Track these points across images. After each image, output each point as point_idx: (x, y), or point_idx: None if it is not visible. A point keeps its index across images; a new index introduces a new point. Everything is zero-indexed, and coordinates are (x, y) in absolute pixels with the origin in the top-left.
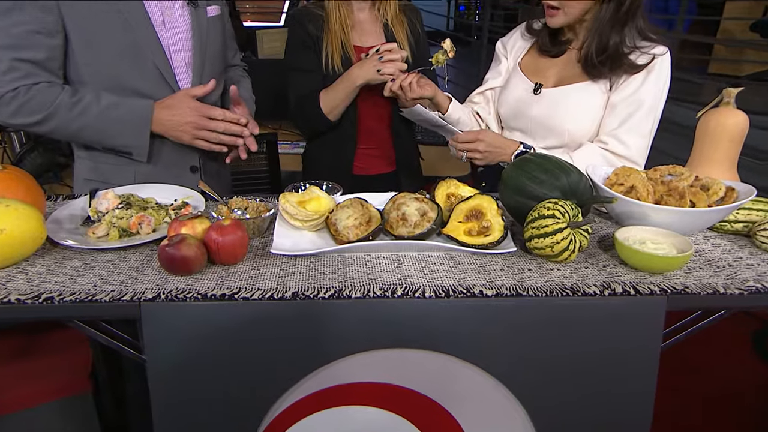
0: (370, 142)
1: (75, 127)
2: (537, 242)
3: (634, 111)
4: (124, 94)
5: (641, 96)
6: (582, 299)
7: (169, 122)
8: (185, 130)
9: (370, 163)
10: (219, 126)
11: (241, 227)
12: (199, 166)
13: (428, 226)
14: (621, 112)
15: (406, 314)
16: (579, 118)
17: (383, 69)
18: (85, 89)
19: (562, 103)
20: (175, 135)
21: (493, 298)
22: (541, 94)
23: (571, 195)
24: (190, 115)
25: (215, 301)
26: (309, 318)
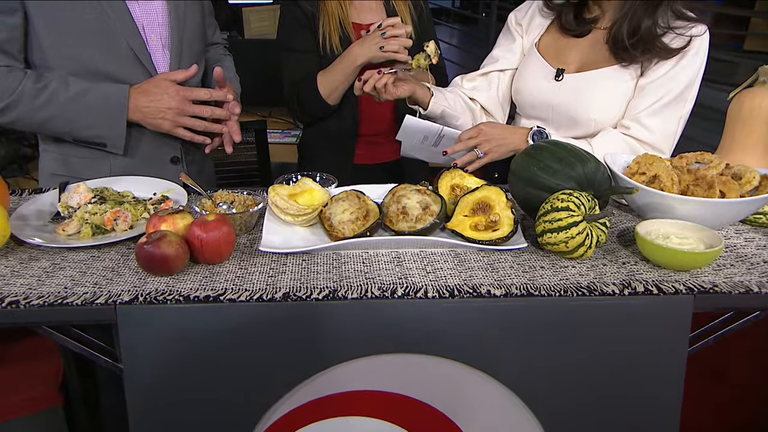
0: (373, 128)
1: (41, 117)
2: (550, 237)
3: (663, 94)
4: (96, 80)
5: (673, 78)
6: (599, 299)
7: (148, 109)
8: (166, 117)
9: (373, 151)
10: (204, 111)
11: (227, 223)
12: (181, 157)
13: (431, 221)
14: (649, 95)
15: (407, 316)
16: (606, 106)
17: (386, 46)
18: (52, 74)
19: (587, 91)
20: (154, 123)
21: (501, 298)
22: (563, 80)
23: (587, 185)
24: (170, 99)
25: (199, 304)
26: (302, 321)
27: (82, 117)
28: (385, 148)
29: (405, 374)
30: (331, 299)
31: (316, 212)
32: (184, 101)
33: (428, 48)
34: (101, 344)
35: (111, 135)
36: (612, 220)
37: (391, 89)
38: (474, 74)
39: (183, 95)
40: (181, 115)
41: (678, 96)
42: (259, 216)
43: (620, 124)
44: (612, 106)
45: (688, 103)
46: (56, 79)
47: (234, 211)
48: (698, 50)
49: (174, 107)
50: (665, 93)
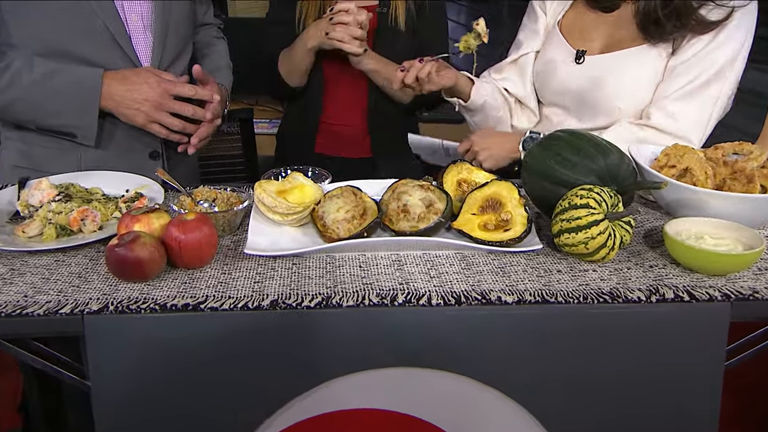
0: (339, 116)
1: (1, 101)
2: (568, 238)
3: (696, 76)
4: (66, 62)
5: (708, 57)
6: (624, 307)
7: (122, 97)
8: (141, 108)
9: (338, 143)
10: (186, 110)
11: (208, 223)
12: (162, 152)
13: (435, 220)
14: (679, 77)
15: (408, 326)
16: (633, 91)
17: (331, 33)
18: (15, 53)
19: (611, 74)
20: (127, 114)
21: (514, 305)
22: (585, 63)
23: (610, 180)
24: (150, 90)
25: (177, 313)
26: (292, 332)
27: (48, 102)
28: (351, 141)
29: (407, 390)
30: (324, 307)
31: (308, 211)
32: (164, 95)
33: (478, 26)
34: (66, 359)
35: (81, 124)
36: (637, 219)
37: (434, 78)
38: (501, 64)
39: (164, 88)
40: (159, 110)
41: (713, 77)
42: (244, 215)
43: (643, 114)
44: (639, 91)
45: (727, 83)
46: (19, 59)
47: (216, 210)
48: (740, 23)
49: (152, 100)
50: (698, 74)
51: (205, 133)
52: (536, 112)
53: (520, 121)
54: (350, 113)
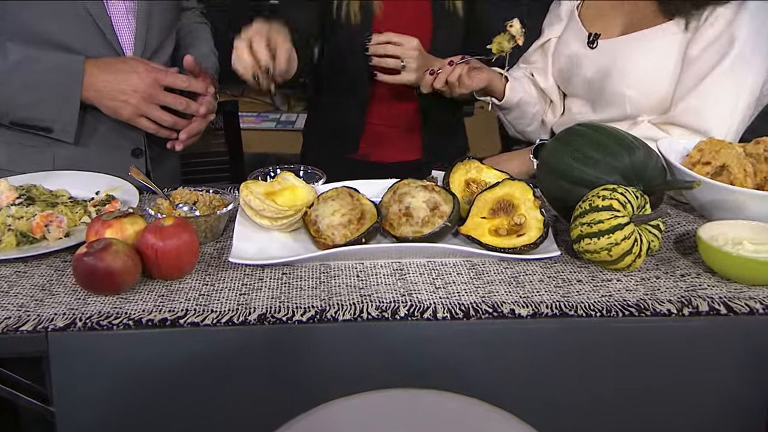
0: (386, 113)
1: None
2: (589, 244)
3: (716, 61)
4: (43, 49)
5: (731, 35)
6: (652, 321)
7: (107, 88)
8: (129, 101)
9: (386, 144)
10: (178, 103)
11: (189, 229)
12: (145, 149)
13: (441, 224)
14: (697, 65)
15: (411, 342)
16: (644, 78)
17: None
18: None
19: (621, 58)
20: (111, 106)
21: (528, 319)
22: (598, 47)
23: (635, 179)
24: (139, 80)
25: (153, 329)
26: (282, 349)
27: (22, 93)
28: (402, 142)
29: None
30: (318, 321)
31: (300, 214)
32: (154, 86)
33: (512, 28)
34: (27, 382)
35: (59, 117)
36: (667, 222)
37: (465, 81)
38: (528, 52)
39: (155, 78)
40: (148, 103)
41: (737, 60)
42: (229, 220)
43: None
44: (650, 77)
45: (756, 66)
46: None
47: (197, 214)
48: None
49: (141, 91)
50: (719, 58)
51: (196, 129)
52: (560, 104)
53: (547, 115)
54: (398, 111)
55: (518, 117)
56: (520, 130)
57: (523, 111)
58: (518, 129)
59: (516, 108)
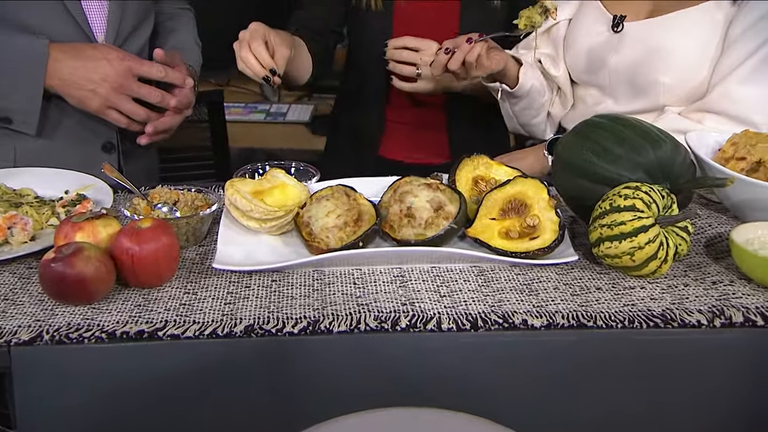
0: (409, 111)
1: None
2: (609, 248)
3: (761, 43)
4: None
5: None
6: (680, 333)
7: (74, 75)
8: (98, 90)
9: (407, 145)
10: (153, 96)
11: (168, 231)
12: (117, 144)
13: (446, 226)
14: (738, 48)
15: (414, 356)
16: (682, 64)
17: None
18: None
19: (656, 43)
20: (78, 96)
21: (543, 330)
22: (624, 31)
23: (661, 176)
24: (110, 68)
25: (129, 342)
26: (271, 364)
27: None
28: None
29: None
30: (311, 333)
31: (291, 216)
32: (127, 75)
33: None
34: None
35: (20, 107)
36: (696, 224)
37: (484, 62)
38: (530, 37)
39: (128, 66)
40: (119, 93)
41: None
42: (213, 221)
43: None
44: (688, 63)
45: None
46: None
47: (178, 215)
48: None
49: (112, 80)
50: (763, 41)
51: (168, 124)
52: (570, 95)
53: (556, 108)
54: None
55: (526, 107)
56: (523, 122)
57: (532, 100)
58: (522, 121)
59: (526, 96)
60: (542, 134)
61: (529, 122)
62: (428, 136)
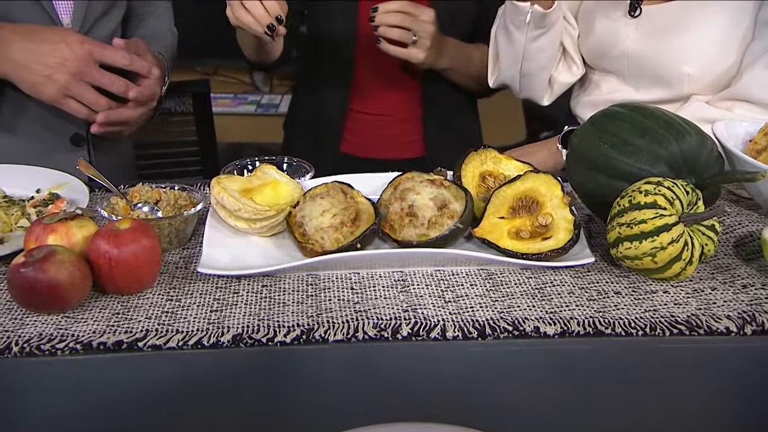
0: (375, 101)
1: None
2: (629, 248)
3: None
4: None
5: None
6: (707, 341)
7: (27, 59)
8: (55, 76)
9: (377, 138)
10: (117, 86)
11: (149, 233)
12: (86, 136)
13: (451, 226)
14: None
15: (416, 367)
16: (705, 52)
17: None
18: None
19: (679, 28)
20: (31, 82)
21: (556, 338)
22: (642, 16)
23: (686, 170)
24: (69, 51)
25: (107, 354)
26: (261, 376)
27: None
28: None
29: None
30: (304, 343)
31: (283, 215)
32: (88, 61)
33: None
34: None
35: None
36: (725, 222)
37: None
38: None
39: (89, 51)
40: (78, 81)
41: None
42: (198, 222)
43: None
44: (714, 51)
45: None
46: None
47: (160, 215)
48: None
49: (71, 65)
50: None
51: (125, 116)
52: (580, 64)
53: (559, 72)
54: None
55: (543, 48)
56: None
57: (553, 39)
58: (527, 67)
59: (553, 27)
60: (539, 96)
61: (535, 72)
62: (399, 129)
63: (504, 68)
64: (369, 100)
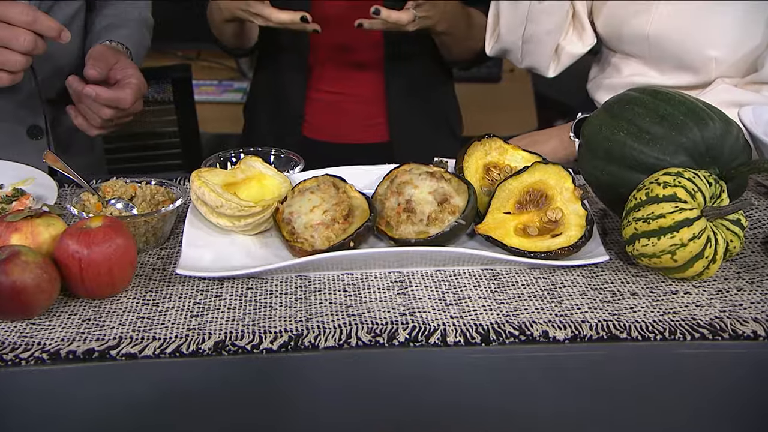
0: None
1: None
2: (646, 245)
3: None
4: None
5: None
6: (732, 346)
7: None
8: None
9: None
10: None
11: (124, 232)
12: (46, 127)
13: (452, 222)
14: None
15: (414, 375)
16: (732, 35)
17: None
18: None
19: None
20: None
21: (567, 344)
22: None
23: (709, 159)
24: None
25: (76, 363)
26: (246, 386)
27: None
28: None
29: None
30: (293, 350)
31: (269, 212)
32: None
33: None
34: None
35: None
36: (752, 217)
37: None
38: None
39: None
40: None
41: None
42: (177, 220)
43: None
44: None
45: None
46: None
47: (135, 213)
48: None
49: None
50: None
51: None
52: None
53: (568, 41)
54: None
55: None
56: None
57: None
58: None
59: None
60: (544, 66)
61: (540, 37)
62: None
63: (505, 32)
64: (327, 80)
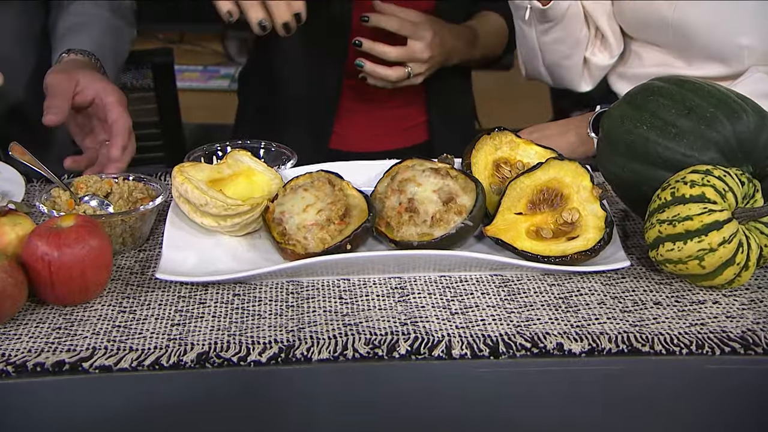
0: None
1: None
2: (671, 250)
3: None
4: None
5: None
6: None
7: None
8: None
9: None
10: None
11: (98, 232)
12: None
13: (458, 223)
14: None
15: (416, 390)
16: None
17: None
18: None
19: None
20: None
21: (583, 357)
22: None
23: (741, 157)
24: None
25: (45, 377)
26: (232, 401)
27: None
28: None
29: None
30: (283, 362)
31: (258, 211)
32: None
33: None
34: None
35: None
36: None
37: None
38: None
39: None
40: None
41: None
42: (157, 219)
43: None
44: None
45: None
46: None
47: (111, 211)
48: None
49: None
50: None
51: None
52: (617, 43)
53: (594, 53)
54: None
55: (559, 39)
56: (551, 62)
57: (569, 29)
58: (550, 59)
59: (561, 21)
60: (576, 83)
61: (560, 62)
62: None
63: (527, 62)
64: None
